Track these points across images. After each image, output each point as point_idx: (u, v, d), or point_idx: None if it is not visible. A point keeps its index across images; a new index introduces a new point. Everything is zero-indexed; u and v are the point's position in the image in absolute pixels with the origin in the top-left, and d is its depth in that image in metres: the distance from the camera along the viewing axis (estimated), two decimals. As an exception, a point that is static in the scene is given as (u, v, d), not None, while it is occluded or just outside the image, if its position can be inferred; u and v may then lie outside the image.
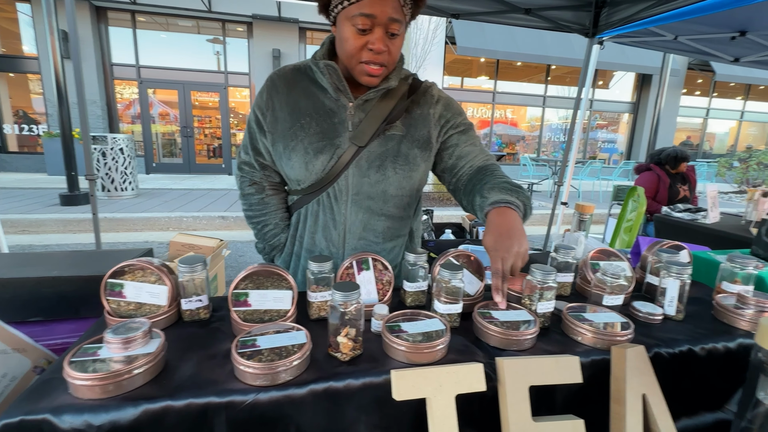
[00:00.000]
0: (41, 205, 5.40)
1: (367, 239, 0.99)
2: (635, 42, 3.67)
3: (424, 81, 1.02)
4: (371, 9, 0.78)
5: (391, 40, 0.84)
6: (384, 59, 0.85)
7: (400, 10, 0.81)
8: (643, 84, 11.87)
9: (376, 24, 0.80)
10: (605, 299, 0.87)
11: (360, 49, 0.83)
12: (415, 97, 0.97)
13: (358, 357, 0.71)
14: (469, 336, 0.80)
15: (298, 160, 0.93)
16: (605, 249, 1.06)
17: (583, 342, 0.79)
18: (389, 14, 0.79)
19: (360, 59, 0.84)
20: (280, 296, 0.78)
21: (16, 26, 8.60)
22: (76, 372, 0.56)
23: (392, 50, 0.85)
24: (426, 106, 0.98)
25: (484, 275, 0.94)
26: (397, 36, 0.84)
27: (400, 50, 0.89)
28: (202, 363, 0.66)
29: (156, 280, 0.77)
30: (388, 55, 0.84)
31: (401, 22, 0.83)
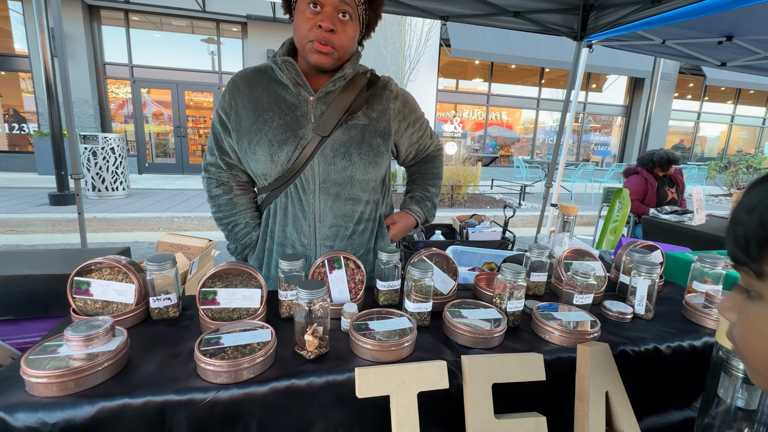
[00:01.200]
0: (30, 205, 5.34)
1: (337, 225, 1.01)
2: (624, 46, 3.71)
3: (382, 76, 1.07)
4: None
5: (342, 23, 0.88)
6: (334, 40, 0.88)
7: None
8: (635, 87, 11.99)
9: (326, 3, 0.86)
10: (575, 298, 0.88)
11: (311, 28, 0.87)
12: (374, 90, 1.02)
13: (324, 355, 0.71)
14: (438, 335, 0.81)
15: (263, 152, 0.95)
16: (580, 249, 1.07)
17: (550, 340, 0.79)
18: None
19: (309, 38, 0.88)
20: (249, 294, 0.78)
21: (8, 24, 8.52)
22: (32, 369, 0.55)
23: (341, 33, 0.89)
24: (386, 101, 1.03)
25: (458, 274, 0.95)
26: (347, 21, 0.89)
27: (353, 40, 0.93)
28: (165, 361, 0.66)
29: (123, 278, 0.76)
30: (337, 36, 0.88)
31: (352, 7, 0.89)
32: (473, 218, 3.84)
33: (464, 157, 7.65)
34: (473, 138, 11.73)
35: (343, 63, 0.95)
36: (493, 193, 8.21)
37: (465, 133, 11.19)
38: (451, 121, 10.96)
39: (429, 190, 1.20)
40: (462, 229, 3.66)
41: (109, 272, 0.76)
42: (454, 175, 6.95)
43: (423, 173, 1.21)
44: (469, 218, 3.85)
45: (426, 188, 1.19)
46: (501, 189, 8.83)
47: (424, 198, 1.19)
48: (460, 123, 11.06)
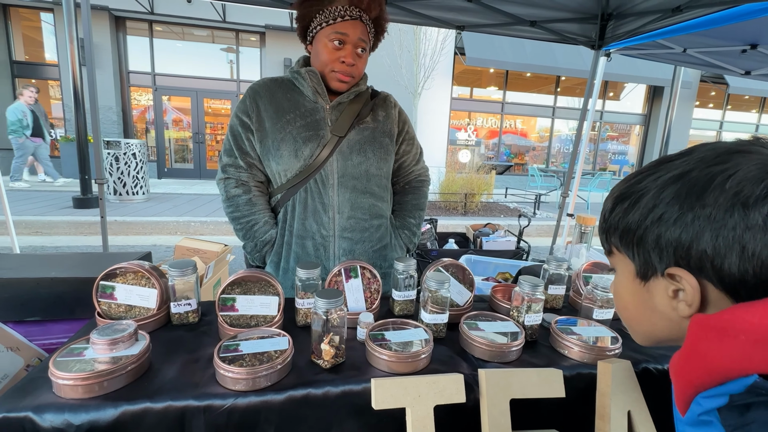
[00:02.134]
0: (55, 208, 5.53)
1: (355, 217, 1.08)
2: (643, 54, 3.66)
3: (381, 91, 1.21)
4: (345, 29, 0.99)
5: (359, 56, 1.04)
6: (353, 71, 1.04)
7: (367, 34, 1.03)
8: (654, 96, 11.77)
9: (348, 42, 1.00)
10: (595, 313, 0.86)
11: (334, 61, 1.01)
12: (376, 101, 1.16)
13: (341, 365, 0.71)
14: (454, 347, 0.80)
15: (288, 148, 1.03)
16: (599, 262, 1.05)
17: (569, 356, 0.78)
18: (359, 35, 1.01)
19: (333, 69, 1.03)
20: (267, 302, 0.79)
21: (40, 35, 8.93)
22: (59, 371, 0.57)
23: (359, 65, 1.05)
24: (388, 108, 1.17)
25: (474, 286, 0.94)
26: (362, 54, 1.05)
27: (366, 65, 1.10)
28: (185, 366, 0.67)
29: (146, 283, 0.78)
30: (355, 68, 1.04)
31: (366, 43, 1.04)
32: (487, 227, 3.81)
33: (478, 165, 7.61)
34: (487, 146, 11.67)
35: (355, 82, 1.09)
36: (507, 202, 8.13)
37: (479, 141, 11.14)
38: (465, 129, 10.94)
39: (407, 219, 1.22)
40: (476, 238, 3.63)
41: (133, 277, 0.78)
42: (467, 183, 6.91)
43: (402, 204, 1.25)
44: (483, 227, 3.81)
45: (404, 218, 1.22)
46: (515, 198, 8.73)
47: (402, 227, 1.21)
48: (474, 131, 11.03)
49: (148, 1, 8.38)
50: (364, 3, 0.99)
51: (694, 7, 2.36)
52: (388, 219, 1.17)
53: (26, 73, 8.81)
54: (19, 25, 8.68)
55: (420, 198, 1.27)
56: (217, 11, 8.61)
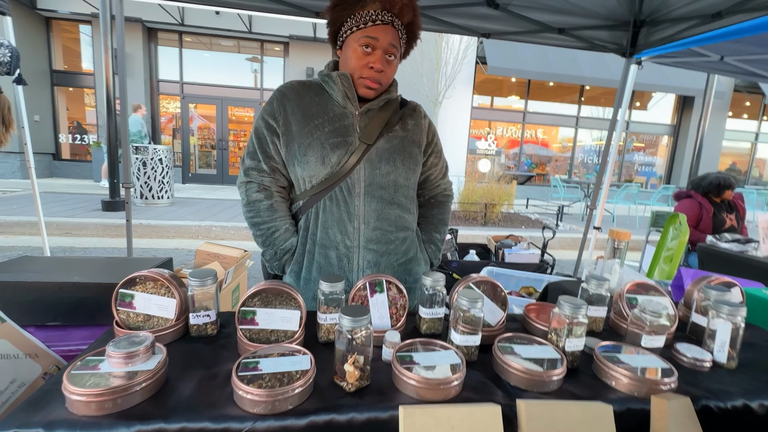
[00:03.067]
0: (85, 210, 5.73)
1: (382, 229, 1.04)
2: (677, 62, 3.51)
3: (411, 101, 1.17)
4: (375, 33, 0.96)
5: (388, 62, 1.00)
6: (381, 77, 1.00)
7: (398, 40, 0.99)
8: (684, 106, 11.36)
9: (378, 47, 0.97)
10: (644, 339, 0.78)
11: (363, 66, 0.98)
12: (406, 110, 1.12)
13: (365, 388, 0.66)
14: (487, 371, 0.74)
15: (315, 154, 1.00)
16: (644, 282, 0.97)
17: (617, 387, 0.70)
18: (389, 40, 0.97)
19: (362, 74, 0.99)
20: (288, 316, 0.75)
21: (78, 45, 9.40)
22: (73, 386, 0.54)
23: (387, 72, 1.01)
24: (418, 118, 1.13)
25: (507, 304, 0.87)
26: (392, 60, 1.01)
27: (395, 73, 1.06)
28: (202, 383, 0.64)
29: (166, 292, 0.76)
30: (384, 74, 1.00)
31: (397, 49, 1.00)
32: (509, 239, 3.69)
33: (498, 175, 7.48)
34: (507, 156, 11.50)
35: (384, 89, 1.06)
36: (529, 213, 7.94)
37: (499, 151, 11.00)
38: (485, 138, 10.82)
39: (432, 234, 1.20)
40: (497, 249, 3.52)
41: (153, 285, 0.76)
42: (487, 193, 6.79)
43: (428, 218, 1.21)
44: (504, 238, 3.70)
45: (430, 232, 1.20)
46: (537, 209, 8.53)
47: (428, 241, 1.19)
48: (494, 140, 10.90)
49: (179, 13, 8.72)
50: (396, 7, 0.95)
51: (735, 13, 2.25)
52: (414, 231, 1.13)
53: (64, 81, 9.27)
54: (60, 36, 9.16)
55: (445, 213, 1.24)
56: (244, 22, 8.87)
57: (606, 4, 2.58)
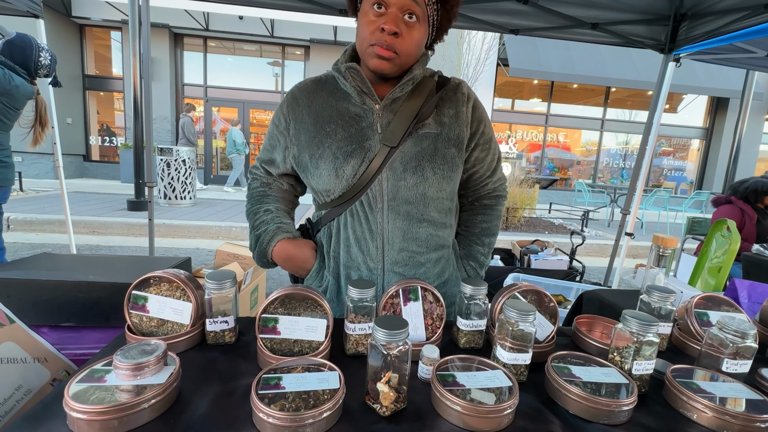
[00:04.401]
0: (111, 209, 5.87)
1: (409, 250, 0.88)
2: (717, 59, 3.30)
3: (452, 77, 0.95)
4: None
5: (407, 25, 0.79)
6: (395, 43, 0.78)
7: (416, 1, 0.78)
8: (717, 108, 10.84)
9: (392, 3, 0.77)
10: (725, 364, 0.66)
11: (372, 31, 0.78)
12: (443, 93, 0.91)
13: (402, 411, 0.57)
14: (540, 395, 0.64)
15: (327, 167, 0.86)
16: (713, 295, 0.85)
17: (698, 421, 0.59)
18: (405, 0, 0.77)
19: (371, 41, 0.79)
20: (314, 325, 0.67)
21: (109, 51, 9.75)
22: (75, 403, 0.48)
23: (406, 37, 0.79)
24: (459, 104, 0.91)
25: (557, 317, 0.77)
26: (414, 23, 0.79)
27: (419, 45, 0.83)
28: (218, 400, 0.56)
29: (181, 295, 0.69)
30: (401, 40, 0.79)
31: (421, 8, 0.79)
32: (535, 244, 3.54)
33: (520, 179, 7.28)
34: (528, 159, 11.24)
35: (405, 69, 0.85)
36: (552, 218, 7.69)
37: (520, 154, 10.75)
38: (506, 142, 10.60)
39: (474, 247, 1.00)
40: (523, 255, 3.38)
41: (168, 287, 0.70)
42: (509, 197, 6.61)
43: (469, 227, 1.02)
44: (530, 243, 3.56)
45: (470, 245, 1.00)
46: (560, 213, 8.26)
47: (468, 256, 1.00)
48: (514, 143, 10.66)
49: (204, 18, 8.92)
50: None
51: (792, 2, 2.07)
52: (450, 248, 0.96)
53: (95, 85, 9.62)
54: (92, 42, 9.52)
55: (493, 220, 1.02)
56: (266, 26, 9.00)
57: (644, -4, 2.44)
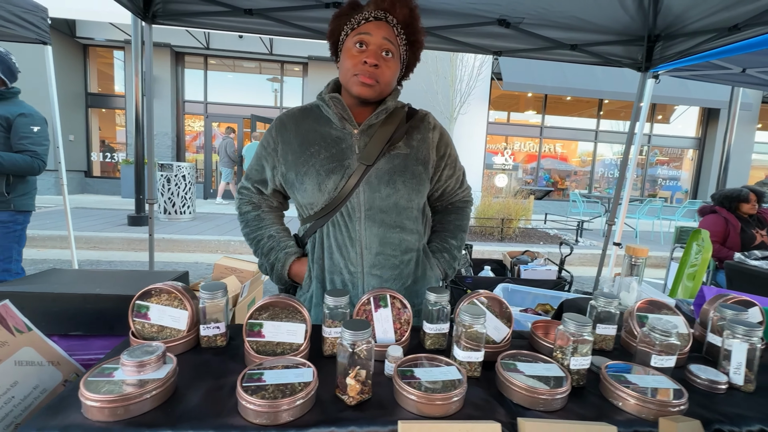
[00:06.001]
0: (112, 225, 5.97)
1: (384, 253, 1.01)
2: (696, 75, 3.45)
3: (420, 109, 1.11)
4: (368, 29, 0.94)
5: (384, 59, 0.95)
6: (376, 73, 0.94)
7: (394, 37, 0.96)
8: (709, 118, 11.05)
9: (371, 42, 0.94)
10: (653, 359, 0.76)
11: (356, 63, 0.94)
12: (413, 122, 1.06)
13: (366, 401, 0.67)
14: (490, 388, 0.73)
15: (311, 182, 0.99)
16: (656, 300, 0.95)
17: (624, 408, 0.68)
18: (383, 35, 0.94)
19: (354, 72, 0.95)
20: (294, 329, 0.77)
21: (111, 70, 10.01)
22: (89, 392, 0.58)
23: (384, 68, 0.95)
24: (425, 131, 1.07)
25: (512, 321, 0.87)
26: (390, 58, 0.96)
27: (394, 76, 0.99)
28: (209, 393, 0.66)
29: (179, 304, 0.79)
30: (380, 71, 0.95)
31: (394, 45, 0.96)
32: (525, 254, 3.64)
33: (515, 190, 7.41)
34: (525, 170, 11.39)
35: (384, 97, 1.01)
36: (547, 228, 7.79)
37: (516, 166, 10.91)
38: (502, 153, 10.78)
39: (448, 241, 1.14)
40: (513, 265, 3.47)
41: (167, 298, 0.80)
42: (504, 208, 6.72)
43: (444, 224, 1.17)
44: (521, 254, 3.65)
45: (445, 239, 1.14)
46: (555, 224, 8.36)
47: (441, 249, 1.13)
48: (510, 155, 10.84)
49: (205, 37, 9.18)
50: (386, 2, 0.94)
51: (754, 25, 2.21)
52: (420, 251, 1.08)
53: (97, 103, 9.84)
54: (95, 61, 9.77)
55: (463, 219, 1.19)
56: (265, 44, 9.26)
57: (619, 19, 2.58)
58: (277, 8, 2.50)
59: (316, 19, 2.58)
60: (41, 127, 2.27)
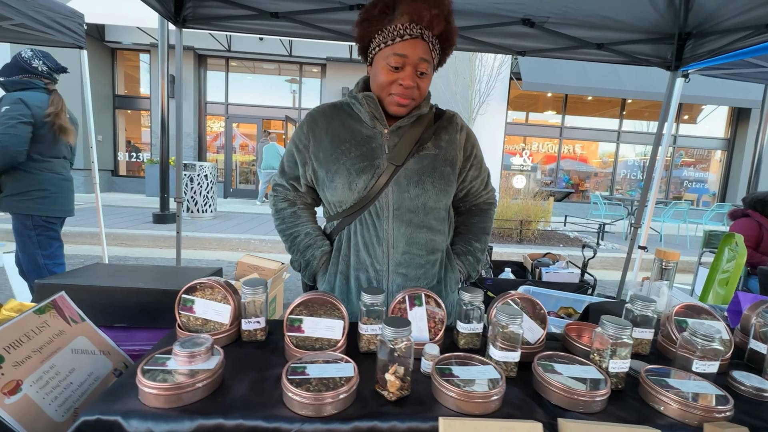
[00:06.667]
0: (137, 222, 6.18)
1: (411, 253, 1.02)
2: (729, 74, 3.35)
3: (446, 110, 1.12)
4: (404, 50, 0.91)
5: (420, 78, 0.95)
6: (413, 94, 0.96)
7: (429, 53, 0.94)
8: (739, 118, 10.63)
9: (407, 63, 0.92)
10: (695, 364, 0.75)
11: (391, 83, 0.95)
12: (440, 123, 1.07)
13: (405, 398, 0.68)
14: (527, 389, 0.74)
15: (341, 181, 1.00)
16: (694, 304, 0.93)
17: (665, 413, 0.68)
18: (419, 55, 0.92)
19: (390, 92, 0.96)
20: (332, 325, 0.79)
21: (137, 72, 10.34)
22: (147, 380, 0.61)
23: (421, 86, 0.96)
24: (453, 132, 1.08)
25: (546, 322, 0.87)
26: (425, 75, 0.96)
27: (428, 87, 1.00)
28: (254, 385, 0.68)
29: (222, 299, 0.83)
30: (417, 90, 0.96)
31: (429, 62, 0.94)
32: (546, 257, 3.59)
33: (535, 191, 7.30)
34: (543, 171, 11.21)
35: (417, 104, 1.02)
36: (567, 231, 7.64)
37: (535, 167, 10.75)
38: (520, 154, 10.64)
39: (472, 243, 1.16)
40: (534, 268, 3.43)
41: (211, 292, 0.83)
42: (523, 210, 6.63)
43: (468, 226, 1.18)
44: (542, 257, 3.60)
45: (469, 242, 1.16)
46: (575, 226, 8.20)
47: (466, 252, 1.15)
48: (529, 156, 10.68)
49: (227, 40, 9.38)
50: (424, 20, 0.90)
51: (793, 22, 2.12)
52: (444, 252, 1.10)
53: (124, 104, 10.18)
54: (123, 64, 10.12)
55: (487, 221, 1.19)
56: (285, 46, 9.40)
57: (648, 17, 2.52)
58: (302, 11, 2.55)
59: (340, 21, 2.62)
60: (9, 106, 2.03)
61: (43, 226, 2.18)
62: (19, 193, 2.10)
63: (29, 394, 0.65)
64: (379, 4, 0.92)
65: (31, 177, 2.13)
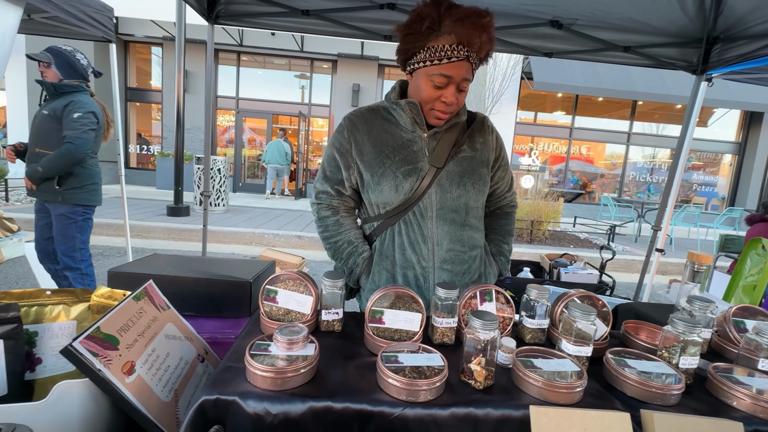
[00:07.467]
0: (152, 214, 6.23)
1: (455, 250, 1.08)
2: (751, 79, 3.34)
3: (477, 113, 1.16)
4: (449, 71, 0.94)
5: (460, 93, 0.99)
6: (453, 109, 1.01)
7: (471, 72, 0.97)
8: (751, 122, 10.59)
9: (451, 82, 0.96)
10: (761, 363, 0.78)
11: (434, 99, 0.99)
12: (474, 126, 1.12)
13: (491, 387, 0.72)
14: (599, 381, 0.77)
15: (388, 183, 1.04)
16: (749, 306, 0.96)
17: (738, 407, 0.71)
18: (463, 75, 0.95)
19: (433, 107, 1.01)
20: (411, 318, 0.83)
21: (149, 65, 10.39)
22: (256, 363, 0.65)
23: (460, 100, 1.01)
24: (486, 134, 1.14)
25: (610, 320, 0.90)
26: (465, 90, 1.00)
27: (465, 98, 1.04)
28: (348, 371, 0.72)
29: (304, 290, 0.86)
30: (456, 106, 1.01)
31: (470, 80, 0.98)
32: (564, 257, 3.62)
33: (544, 192, 7.31)
34: (551, 172, 11.20)
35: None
36: (576, 232, 7.66)
37: (543, 166, 10.74)
38: (529, 154, 10.63)
39: (502, 246, 1.23)
40: (552, 268, 3.46)
41: (293, 284, 0.87)
42: (534, 210, 6.65)
43: (495, 229, 1.24)
44: (559, 257, 3.63)
45: (499, 244, 1.23)
46: (585, 228, 8.21)
47: (498, 253, 1.22)
48: (537, 156, 10.68)
49: (239, 34, 9.40)
50: (475, 45, 0.92)
51: (826, 29, 2.14)
52: (483, 247, 1.16)
53: (135, 97, 10.23)
54: (135, 57, 10.16)
55: (511, 224, 1.27)
56: (296, 42, 9.41)
57: (676, 21, 2.54)
58: (333, 9, 2.57)
59: (369, 20, 2.64)
60: (81, 113, 2.32)
61: (86, 214, 2.49)
62: (78, 187, 2.42)
63: (141, 375, 0.69)
64: (427, 20, 0.92)
65: (86, 172, 2.47)
